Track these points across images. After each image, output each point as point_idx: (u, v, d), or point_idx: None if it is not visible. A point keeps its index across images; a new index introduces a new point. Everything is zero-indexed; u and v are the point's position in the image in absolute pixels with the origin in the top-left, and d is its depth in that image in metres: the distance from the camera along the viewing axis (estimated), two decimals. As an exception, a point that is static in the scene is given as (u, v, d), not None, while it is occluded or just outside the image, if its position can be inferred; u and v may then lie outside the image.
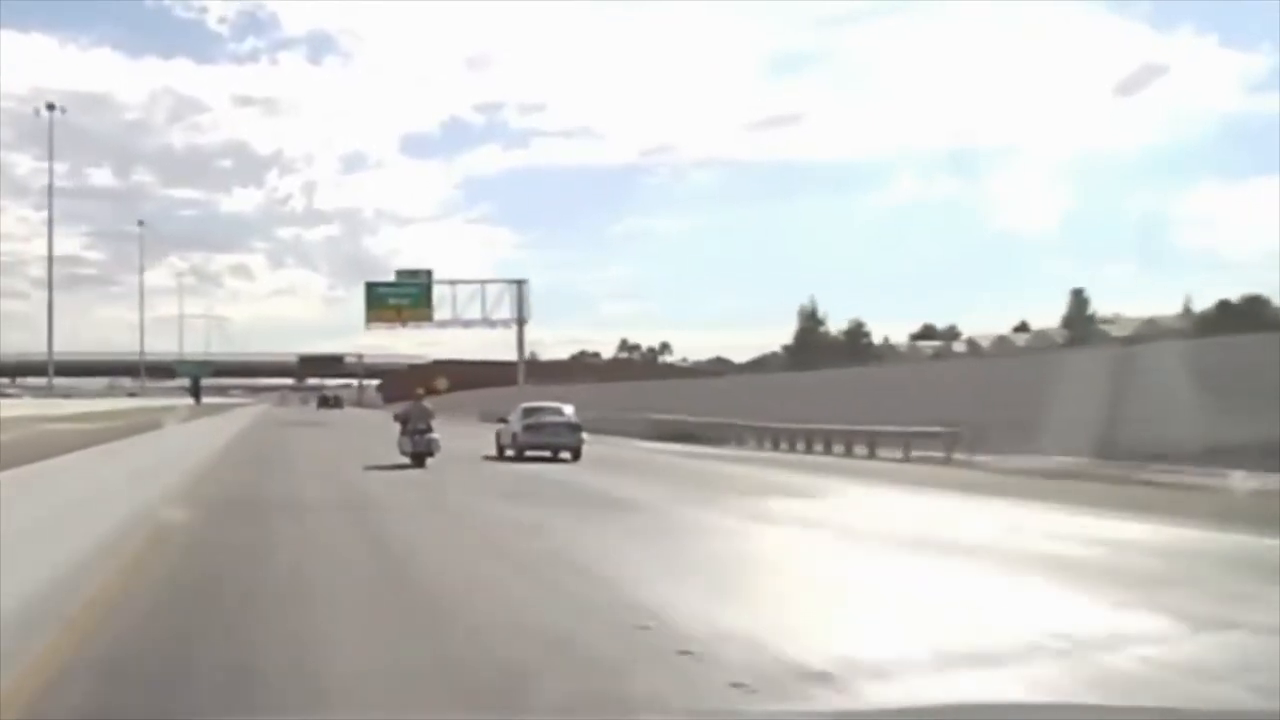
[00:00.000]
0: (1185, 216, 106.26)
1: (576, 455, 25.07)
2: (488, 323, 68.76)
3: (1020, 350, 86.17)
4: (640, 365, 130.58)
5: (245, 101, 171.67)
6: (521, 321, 69.29)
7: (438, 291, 67.02)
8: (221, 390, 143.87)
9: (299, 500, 15.77)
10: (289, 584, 8.82)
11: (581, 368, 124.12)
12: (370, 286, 67.39)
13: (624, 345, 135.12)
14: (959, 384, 32.89)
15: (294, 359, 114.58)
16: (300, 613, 7.56)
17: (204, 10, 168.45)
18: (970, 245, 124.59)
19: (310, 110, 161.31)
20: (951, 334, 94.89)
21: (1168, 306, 79.72)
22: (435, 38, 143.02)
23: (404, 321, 67.49)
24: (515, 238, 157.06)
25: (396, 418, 24.76)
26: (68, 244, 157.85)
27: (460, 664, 6.04)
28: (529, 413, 26.38)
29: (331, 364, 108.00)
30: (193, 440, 27.92)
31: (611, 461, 25.30)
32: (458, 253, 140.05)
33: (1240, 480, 16.32)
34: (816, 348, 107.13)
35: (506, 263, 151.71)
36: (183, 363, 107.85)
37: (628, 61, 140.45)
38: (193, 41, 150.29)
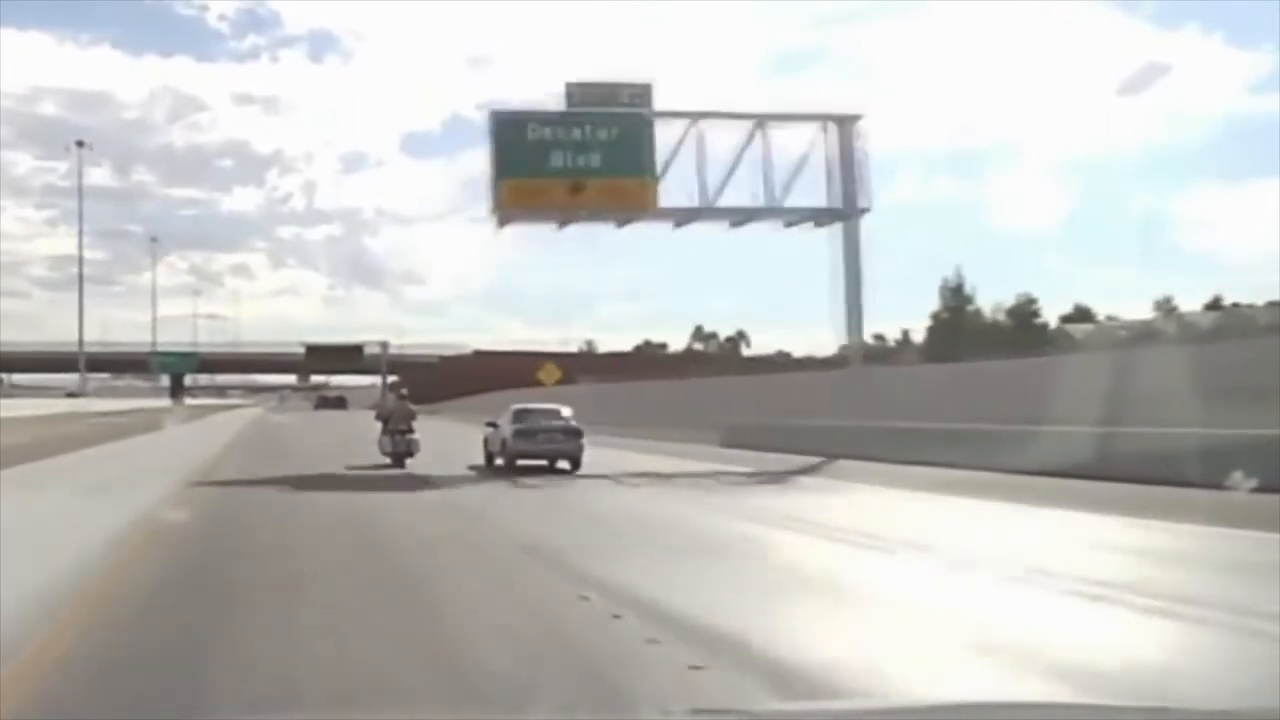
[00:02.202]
0: (1187, 216, 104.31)
1: (576, 465, 22.25)
2: (780, 214, 30.53)
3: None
4: (721, 358, 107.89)
5: (246, 100, 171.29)
6: (854, 213, 30.26)
7: (664, 138, 29.54)
8: (219, 390, 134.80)
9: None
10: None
11: (647, 360, 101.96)
12: (504, 127, 29.43)
13: (699, 334, 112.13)
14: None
15: (299, 350, 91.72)
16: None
17: (204, 8, 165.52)
18: (972, 244, 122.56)
19: (311, 109, 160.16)
20: (1166, 306, 72.41)
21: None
22: (436, 36, 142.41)
23: (585, 206, 29.35)
24: (517, 237, 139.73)
25: (378, 416, 24.36)
26: (68, 243, 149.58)
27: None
28: (520, 415, 23.28)
29: (346, 356, 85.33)
30: None
31: None
32: (459, 252, 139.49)
33: None
34: (971, 332, 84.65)
35: (507, 263, 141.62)
36: (159, 355, 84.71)
37: (629, 59, 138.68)
38: (193, 39, 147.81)
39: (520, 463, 22.31)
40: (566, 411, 23.78)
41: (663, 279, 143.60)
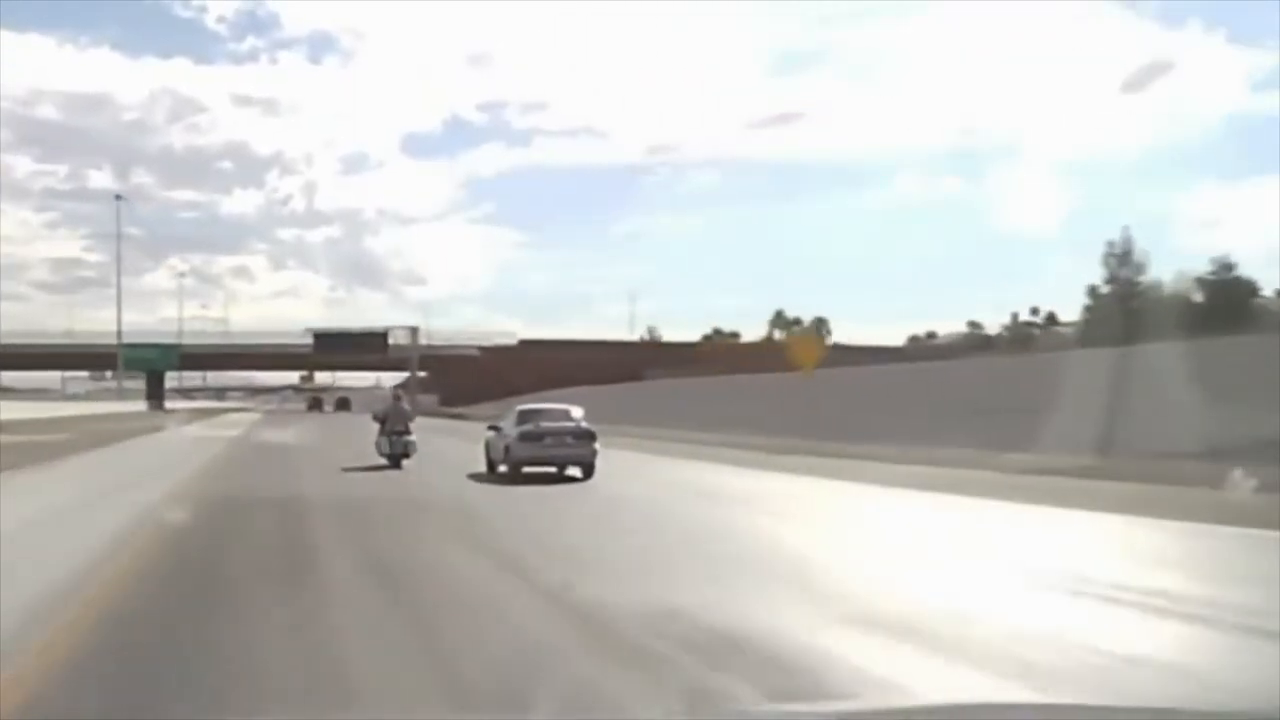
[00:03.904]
0: (1188, 215, 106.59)
1: (589, 472, 20.18)
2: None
3: None
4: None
5: (245, 102, 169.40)
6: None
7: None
8: (217, 393, 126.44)
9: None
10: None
11: (721, 351, 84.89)
12: None
13: (779, 320, 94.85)
14: None
15: (304, 343, 74.41)
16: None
17: (203, 9, 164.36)
18: (972, 243, 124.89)
19: (310, 110, 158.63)
20: None
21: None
22: (436, 36, 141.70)
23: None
24: (517, 237, 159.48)
25: (375, 417, 24.25)
26: (69, 246, 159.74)
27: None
28: (525, 416, 21.17)
29: (366, 345, 68.12)
30: None
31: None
32: (460, 252, 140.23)
33: None
34: (1152, 310, 67.23)
35: (508, 263, 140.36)
36: (130, 349, 67.42)
37: (630, 60, 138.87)
38: (192, 41, 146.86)
39: (526, 470, 19.97)
40: (577, 412, 21.89)
41: (663, 279, 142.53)
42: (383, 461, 21.57)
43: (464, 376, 73.70)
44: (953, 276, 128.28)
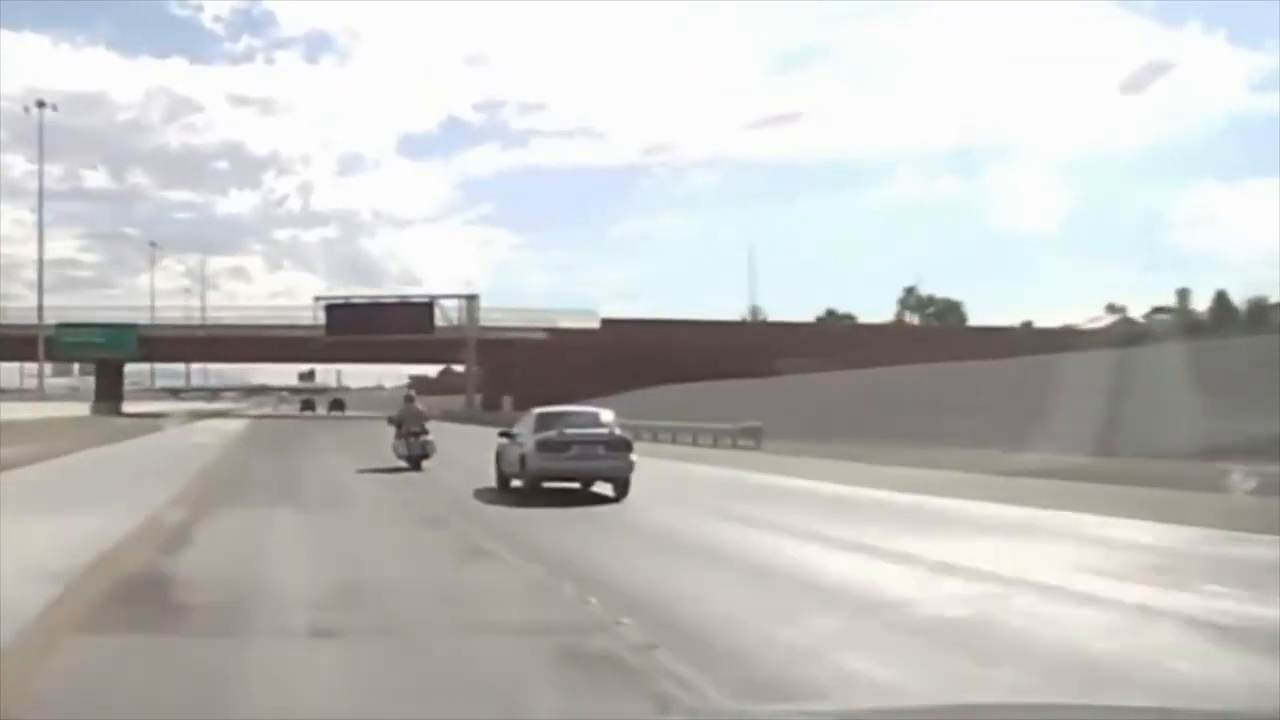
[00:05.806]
0: (1187, 215, 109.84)
1: (623, 490, 16.89)
2: None
3: None
4: (955, 333, 72.48)
5: (241, 102, 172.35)
6: None
7: None
8: (212, 393, 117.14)
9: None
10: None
11: (839, 334, 66.45)
12: None
13: (910, 300, 76.37)
14: None
15: (309, 325, 55.50)
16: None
17: (199, 9, 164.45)
18: (969, 244, 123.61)
19: (307, 110, 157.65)
20: None
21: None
22: (433, 36, 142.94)
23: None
24: (514, 238, 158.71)
25: (391, 420, 24.68)
26: (64, 246, 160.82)
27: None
28: (546, 421, 18.12)
29: (399, 322, 49.51)
30: None
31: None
32: (456, 253, 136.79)
33: None
34: None
35: (505, 264, 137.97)
36: (65, 329, 48.34)
37: (628, 60, 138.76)
38: (188, 41, 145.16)
39: (546, 485, 17.23)
40: (607, 416, 18.89)
41: (660, 278, 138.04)
42: None
43: (528, 368, 54.71)
44: (954, 274, 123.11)
